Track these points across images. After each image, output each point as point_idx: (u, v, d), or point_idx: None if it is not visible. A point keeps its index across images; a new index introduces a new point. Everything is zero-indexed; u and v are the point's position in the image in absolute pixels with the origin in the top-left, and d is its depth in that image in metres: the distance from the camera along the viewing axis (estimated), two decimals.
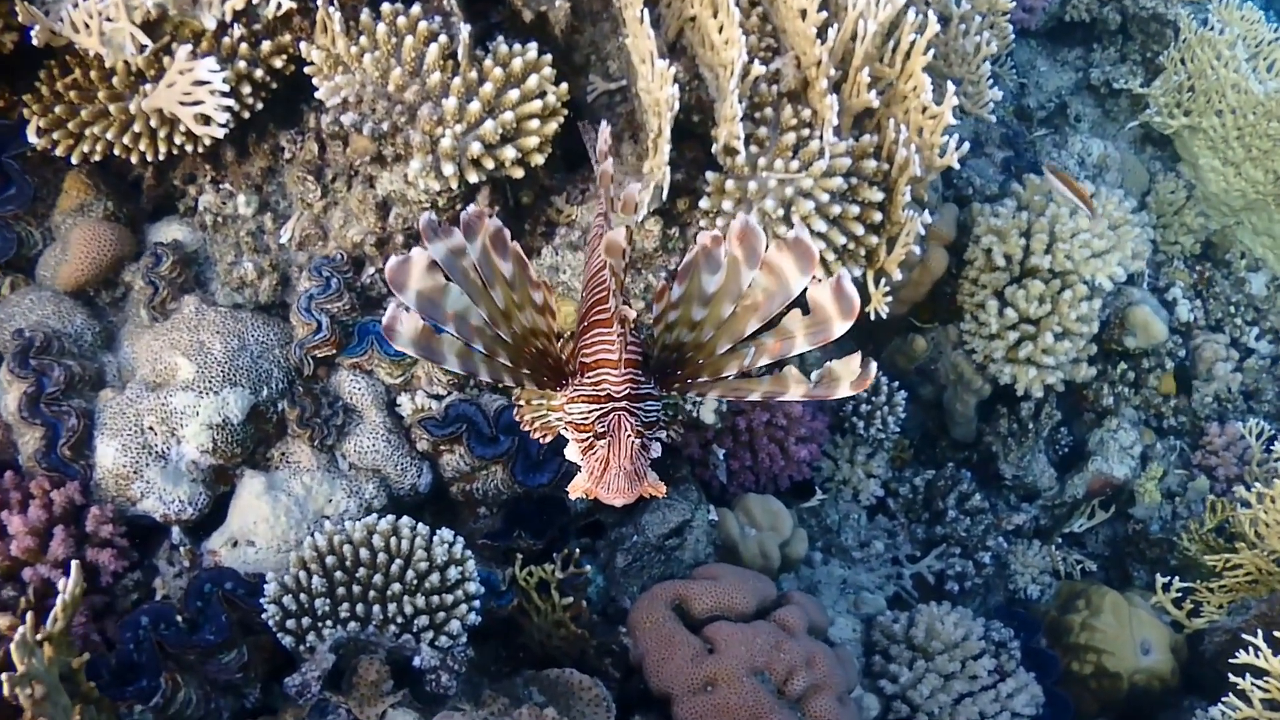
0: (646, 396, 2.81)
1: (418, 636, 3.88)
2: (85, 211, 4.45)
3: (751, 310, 2.71)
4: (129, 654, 3.70)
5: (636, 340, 2.86)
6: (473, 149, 3.97)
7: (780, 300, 2.66)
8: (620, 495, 2.71)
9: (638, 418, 2.76)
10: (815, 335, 2.68)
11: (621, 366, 2.76)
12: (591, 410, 2.78)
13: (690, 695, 4.17)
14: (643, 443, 2.76)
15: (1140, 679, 5.54)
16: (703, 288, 2.73)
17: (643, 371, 2.83)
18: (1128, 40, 7.29)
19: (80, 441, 4.02)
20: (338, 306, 4.21)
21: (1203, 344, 6.82)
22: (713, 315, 2.78)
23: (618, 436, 2.72)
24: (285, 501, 4.11)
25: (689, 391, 2.97)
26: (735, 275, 2.67)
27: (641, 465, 2.75)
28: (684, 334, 2.86)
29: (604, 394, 2.78)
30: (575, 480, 2.79)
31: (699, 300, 2.76)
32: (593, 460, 2.75)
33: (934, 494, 6.07)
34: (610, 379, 2.77)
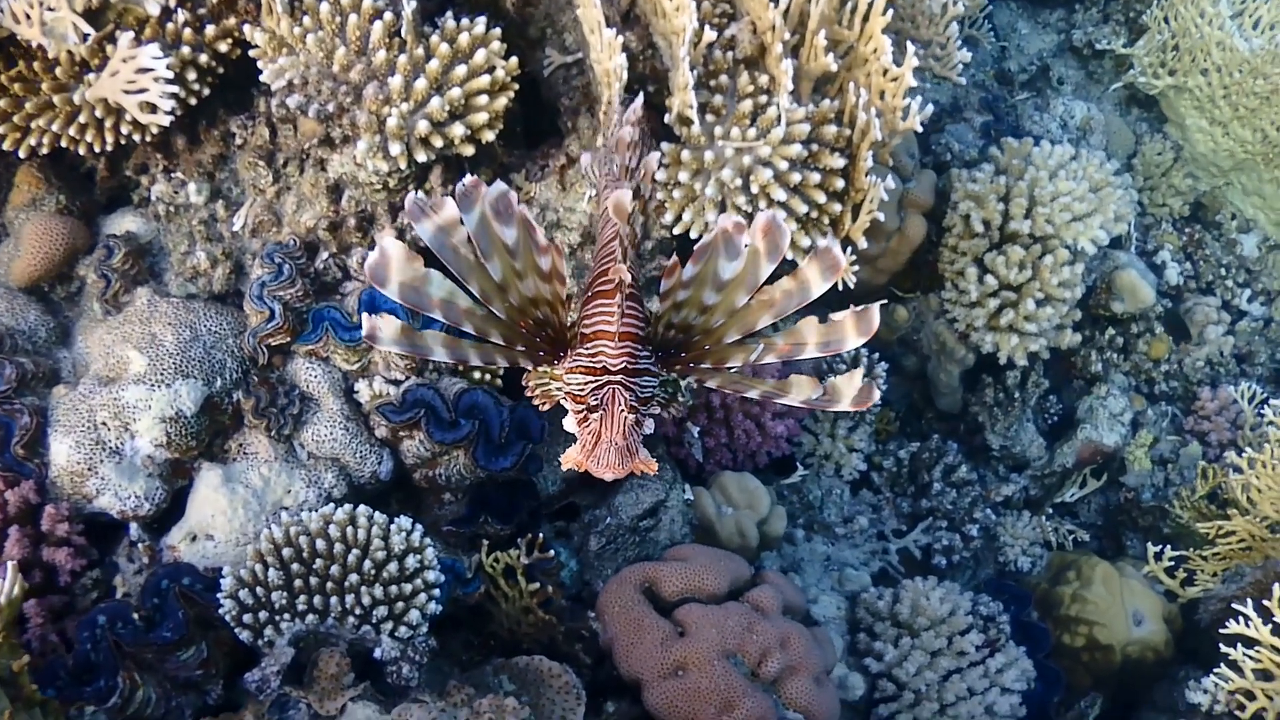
0: (644, 372, 2.80)
1: (377, 627, 3.81)
2: (37, 206, 4.39)
3: (766, 306, 2.74)
4: (86, 654, 3.65)
5: (637, 313, 2.82)
6: (420, 127, 3.89)
7: (797, 301, 2.70)
8: (610, 469, 2.70)
9: (633, 393, 2.74)
10: (827, 347, 2.74)
11: (617, 339, 2.74)
12: (588, 382, 2.76)
13: (660, 680, 4.09)
14: (637, 418, 2.74)
15: (1133, 650, 5.44)
16: (718, 272, 2.71)
17: (642, 346, 2.80)
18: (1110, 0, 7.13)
19: (34, 439, 3.96)
20: (290, 293, 4.13)
21: (1193, 307, 6.69)
22: (725, 302, 2.77)
23: (610, 410, 2.71)
24: (243, 494, 4.04)
25: (690, 375, 2.96)
26: (754, 266, 2.68)
27: (634, 441, 2.73)
28: (693, 316, 2.83)
29: (600, 366, 2.76)
30: (567, 452, 2.78)
31: (712, 285, 2.74)
32: (585, 433, 2.74)
33: (919, 467, 5.97)
34: (607, 351, 2.76)
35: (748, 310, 2.76)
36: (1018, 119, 6.76)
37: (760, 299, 2.74)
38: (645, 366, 2.81)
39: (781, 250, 2.65)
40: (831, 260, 2.66)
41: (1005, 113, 6.70)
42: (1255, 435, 6.01)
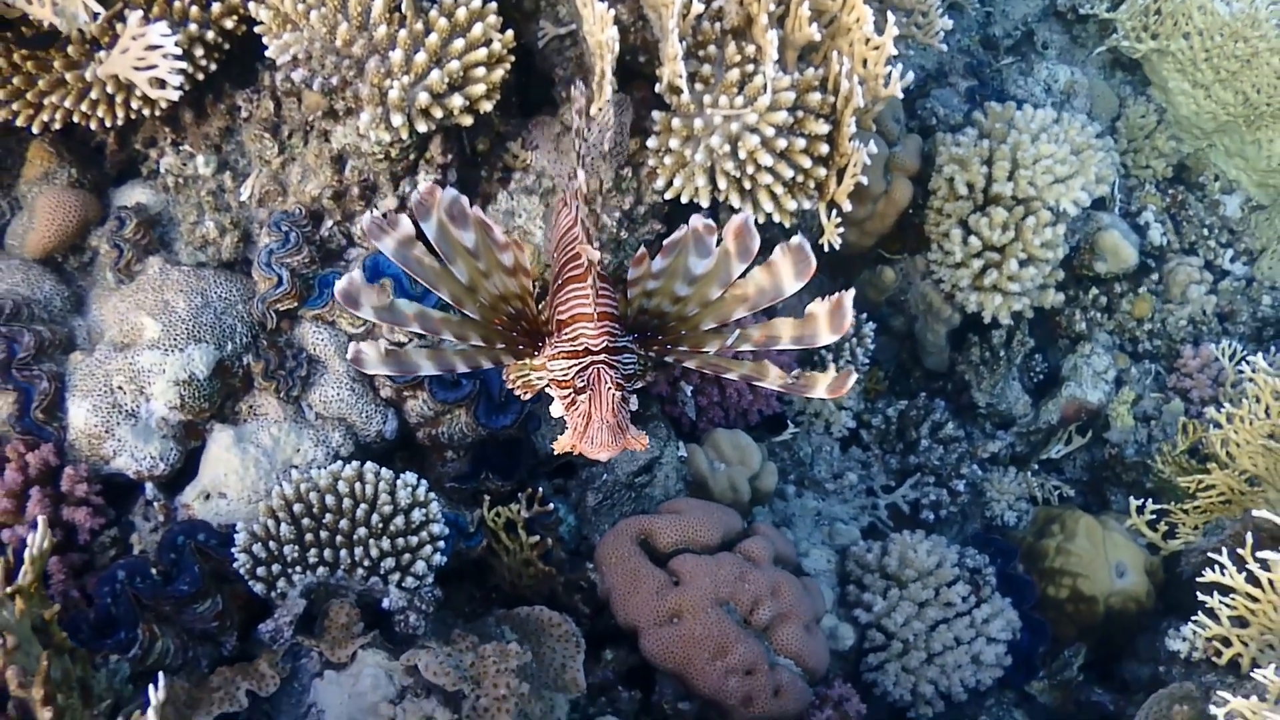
0: (623, 350, 2.90)
1: (385, 579, 3.98)
2: (50, 179, 4.52)
3: (740, 300, 2.89)
4: (106, 608, 3.81)
5: (611, 294, 2.93)
6: (421, 99, 4.02)
7: (770, 298, 2.86)
8: (604, 449, 2.78)
9: (616, 370, 2.84)
10: (802, 340, 2.89)
11: (596, 319, 2.85)
12: (571, 365, 2.85)
13: (656, 627, 4.27)
14: (623, 395, 2.84)
15: (1116, 601, 5.61)
16: (689, 267, 2.87)
17: (619, 325, 2.91)
18: None
19: (53, 404, 4.11)
20: (297, 260, 4.28)
21: (1176, 267, 6.84)
22: (698, 294, 2.91)
23: (598, 389, 2.79)
24: (254, 453, 4.21)
25: (667, 357, 3.05)
26: (725, 264, 2.85)
27: (623, 418, 2.82)
28: (665, 304, 2.97)
29: (581, 348, 2.86)
30: (560, 438, 2.85)
31: (683, 278, 2.89)
32: (576, 415, 2.82)
33: (907, 424, 6.13)
34: (587, 333, 2.86)
35: (721, 302, 2.91)
36: (1002, 84, 6.89)
37: (734, 292, 2.89)
38: (625, 345, 2.92)
39: (752, 252, 2.84)
40: (804, 258, 2.83)
41: (990, 78, 6.83)
42: (1235, 392, 6.15)
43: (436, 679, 3.61)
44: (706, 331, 2.96)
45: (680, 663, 4.21)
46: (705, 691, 4.20)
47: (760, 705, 4.19)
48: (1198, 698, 4.52)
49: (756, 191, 4.35)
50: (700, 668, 4.19)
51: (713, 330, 2.96)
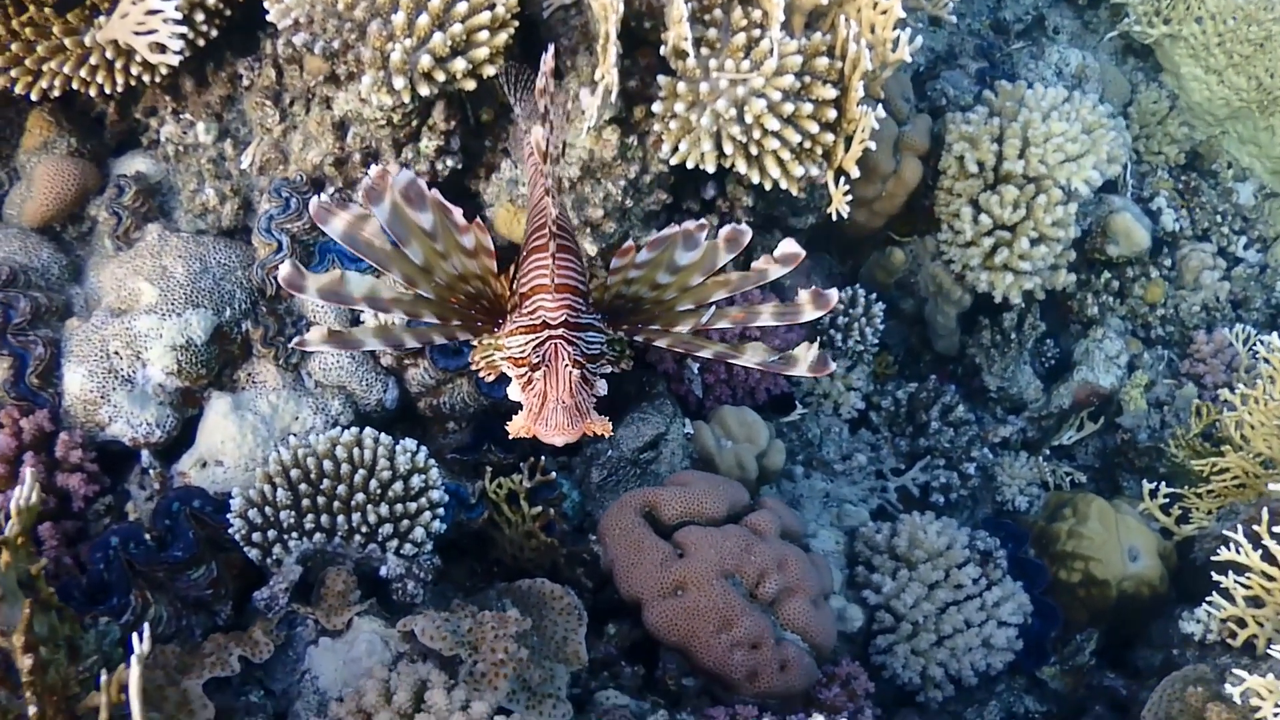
0: (588, 327, 2.72)
1: (383, 546, 3.91)
2: (49, 149, 4.48)
3: (723, 285, 2.81)
4: (99, 574, 3.75)
5: (573, 265, 2.78)
6: (423, 62, 3.98)
7: (753, 282, 2.80)
8: (559, 432, 2.61)
9: (577, 347, 2.66)
10: (783, 318, 2.79)
11: (554, 291, 2.67)
12: (528, 341, 2.68)
13: (660, 599, 4.19)
14: (584, 375, 2.65)
15: (1129, 585, 5.51)
16: (674, 259, 2.78)
17: (584, 300, 2.74)
18: None
19: (48, 370, 4.07)
20: (297, 226, 4.23)
21: (1189, 253, 6.76)
22: (679, 281, 2.83)
23: (554, 366, 2.62)
24: (252, 420, 4.15)
25: (637, 335, 2.90)
26: (712, 256, 2.78)
27: (584, 400, 2.64)
28: (644, 290, 2.85)
29: (539, 321, 2.68)
30: (514, 420, 2.69)
31: (667, 268, 2.80)
32: (531, 395, 2.65)
33: (917, 407, 6.05)
34: (545, 305, 2.69)
35: (702, 287, 2.83)
36: (1013, 67, 6.84)
37: (716, 279, 2.81)
38: (589, 322, 2.73)
39: (741, 246, 2.79)
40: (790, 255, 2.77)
41: (1000, 61, 6.78)
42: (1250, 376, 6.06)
43: (433, 643, 3.54)
44: (682, 312, 2.87)
45: (684, 636, 4.13)
46: (710, 665, 4.12)
47: (766, 680, 4.10)
48: (1212, 680, 4.42)
49: (763, 157, 4.30)
50: (705, 641, 4.11)
51: (689, 311, 2.87)
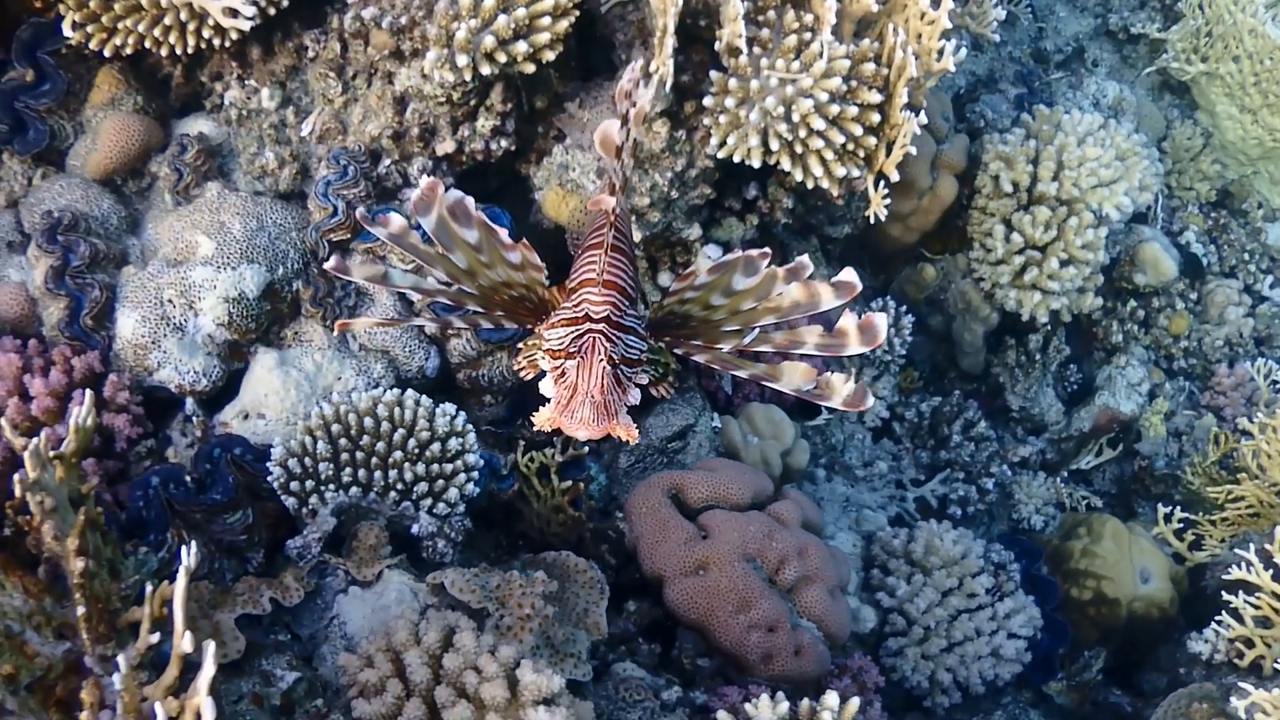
0: (631, 331, 2.74)
1: (416, 504, 4.01)
2: (116, 105, 4.61)
3: (772, 310, 2.73)
4: (138, 510, 3.84)
5: (624, 267, 2.82)
6: (486, 43, 4.11)
7: (804, 311, 2.69)
8: (584, 426, 2.61)
9: (616, 347, 2.67)
10: (827, 349, 2.73)
11: (601, 286, 2.71)
12: (568, 334, 2.70)
13: (682, 577, 4.28)
14: (617, 375, 2.66)
15: (1139, 606, 5.57)
16: (731, 284, 2.70)
17: (630, 303, 2.77)
18: None
19: (102, 313, 4.19)
20: (354, 193, 4.36)
21: (1215, 288, 6.85)
22: (731, 304, 2.77)
23: (589, 359, 2.63)
24: (296, 376, 4.27)
25: (678, 349, 2.93)
26: (769, 283, 2.69)
27: (614, 400, 2.64)
28: (695, 309, 2.83)
29: (582, 314, 2.71)
30: (541, 410, 2.70)
31: (723, 291, 2.73)
32: (561, 387, 2.66)
33: (940, 420, 6.13)
34: (590, 299, 2.72)
35: (752, 312, 2.76)
36: (1051, 95, 6.95)
37: (766, 305, 2.73)
38: (632, 325, 2.75)
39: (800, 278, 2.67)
40: (847, 286, 2.64)
41: (1039, 89, 6.90)
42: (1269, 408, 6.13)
43: (462, 595, 3.64)
44: (726, 331, 2.84)
45: (703, 614, 4.21)
46: (726, 645, 4.20)
47: (780, 664, 4.18)
48: (1217, 697, 4.48)
49: (807, 156, 4.41)
50: (723, 620, 4.19)
51: (733, 331, 2.83)
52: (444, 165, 4.55)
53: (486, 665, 3.11)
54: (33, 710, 2.81)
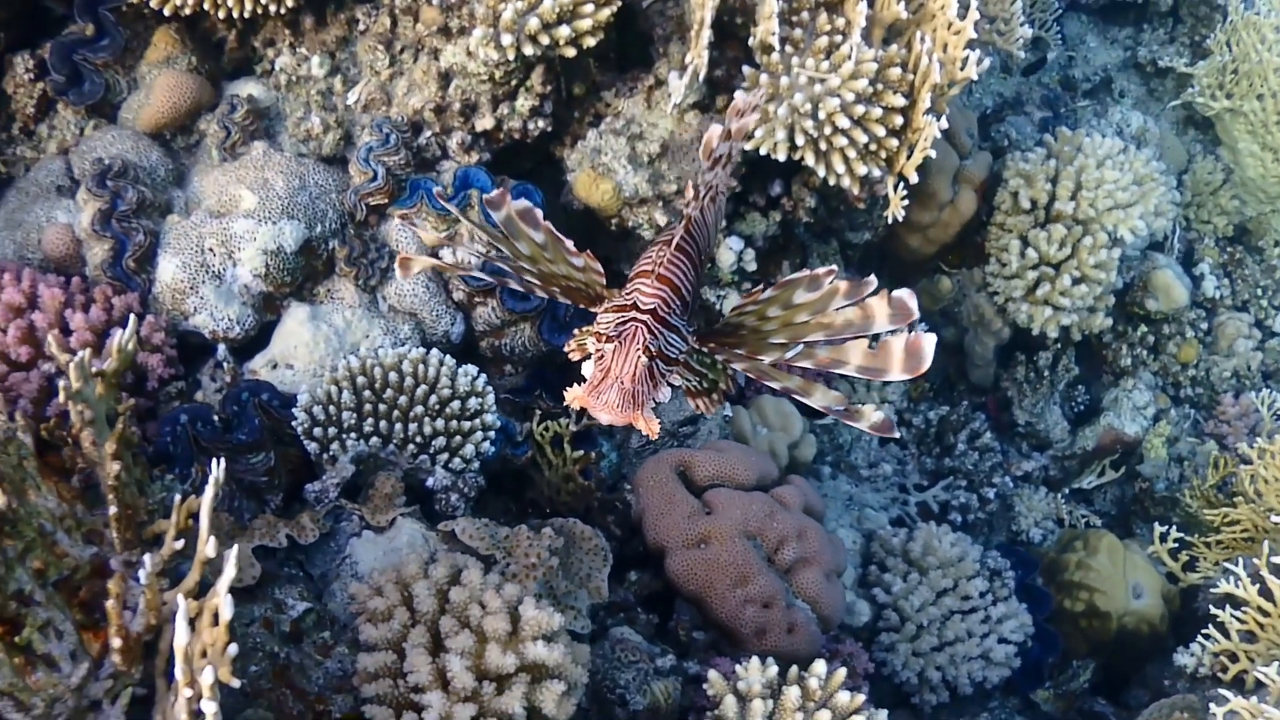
0: (676, 330, 2.80)
1: (433, 458, 4.16)
2: (171, 64, 4.79)
3: (823, 326, 2.73)
4: (165, 445, 4.01)
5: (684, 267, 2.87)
6: (531, 24, 4.28)
7: (856, 331, 2.68)
8: (609, 410, 2.66)
9: (658, 340, 2.72)
10: (869, 372, 2.71)
11: (656, 279, 2.78)
12: (616, 320, 2.76)
13: (684, 549, 4.41)
14: (652, 369, 2.70)
15: (1130, 621, 5.67)
16: (791, 297, 2.74)
17: (681, 303, 2.83)
18: (1178, 23, 7.50)
19: (144, 257, 4.37)
20: (394, 160, 4.53)
21: (1226, 320, 6.97)
22: (785, 316, 2.79)
23: (627, 346, 2.68)
24: (326, 330, 4.43)
25: (719, 354, 2.96)
26: (829, 299, 2.69)
27: (643, 391, 2.68)
28: (750, 320, 2.88)
29: (630, 303, 2.77)
30: (573, 388, 2.77)
31: (781, 304, 2.77)
32: (596, 369, 2.72)
33: (946, 428, 6.26)
34: (642, 289, 2.80)
35: (803, 326, 2.76)
36: (1076, 121, 7.10)
37: (819, 320, 2.73)
38: (677, 325, 2.80)
39: (860, 297, 2.66)
40: (904, 308, 2.61)
41: (1065, 115, 7.05)
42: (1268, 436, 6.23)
43: (471, 542, 3.78)
44: (771, 343, 2.84)
45: (702, 585, 4.34)
46: (722, 617, 4.32)
47: (773, 639, 4.30)
48: (1199, 709, 4.56)
49: (830, 154, 4.56)
50: (720, 593, 4.32)
51: (778, 344, 2.83)
52: (482, 141, 4.71)
53: (490, 600, 3.25)
54: (58, 606, 2.96)
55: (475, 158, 4.70)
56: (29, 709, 2.81)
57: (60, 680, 2.87)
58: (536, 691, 3.14)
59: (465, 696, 3.08)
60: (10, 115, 4.82)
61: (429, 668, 3.13)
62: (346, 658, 3.54)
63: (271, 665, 3.44)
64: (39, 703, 2.82)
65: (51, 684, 2.85)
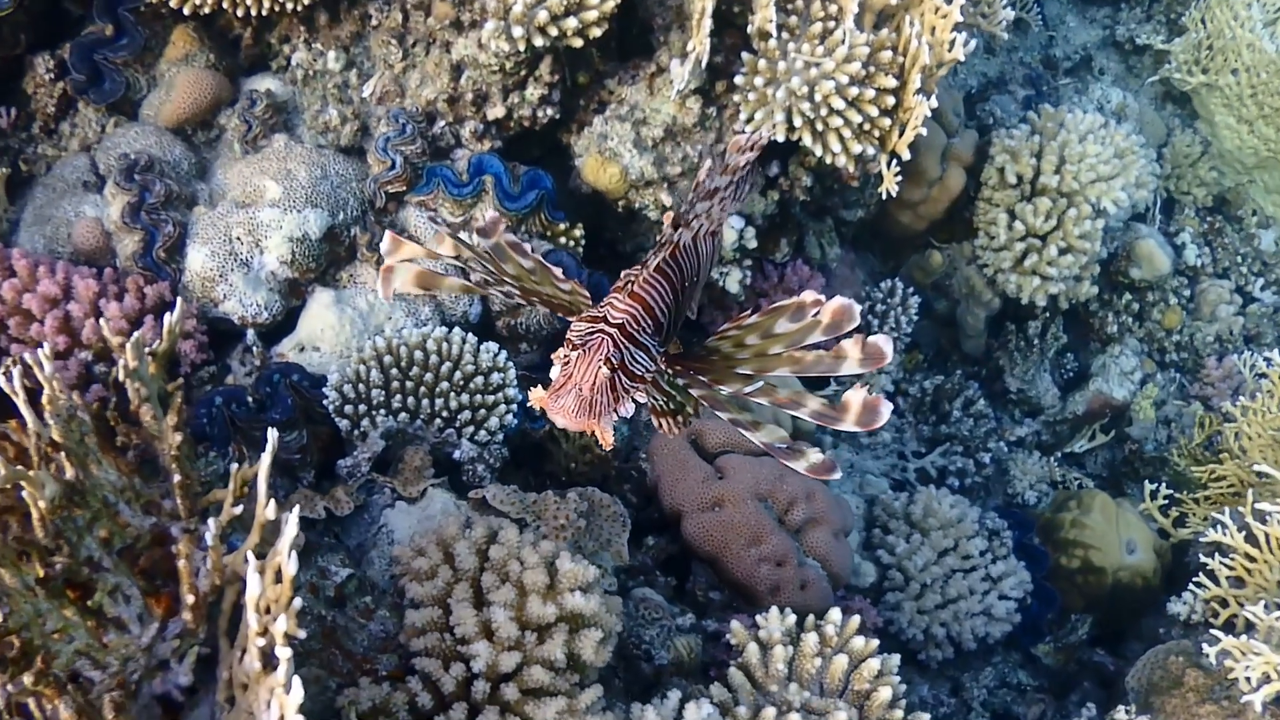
0: (645, 349, 2.80)
1: (459, 431, 4.36)
2: (189, 62, 4.96)
3: (792, 361, 2.69)
4: (202, 427, 4.17)
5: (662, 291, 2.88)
6: (540, 17, 4.47)
7: (823, 370, 2.65)
8: (563, 415, 2.66)
9: (622, 355, 2.72)
10: (822, 418, 2.67)
11: (629, 296, 2.79)
12: (586, 330, 2.77)
13: (699, 512, 4.62)
14: (614, 381, 2.71)
15: (1124, 575, 5.89)
16: (773, 325, 2.72)
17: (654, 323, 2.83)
18: (1154, 1, 7.73)
19: (174, 248, 4.54)
20: (411, 149, 4.71)
21: (1208, 287, 7.21)
22: (760, 346, 2.77)
23: (589, 356, 2.68)
24: (350, 314, 4.62)
25: (681, 378, 2.95)
26: (807, 331, 2.65)
27: (601, 401, 2.69)
28: (726, 346, 2.86)
29: (601, 315, 2.79)
30: (536, 389, 2.77)
31: (762, 332, 2.75)
32: (560, 373, 2.71)
33: (941, 397, 6.48)
34: (614, 303, 2.81)
35: (774, 358, 2.73)
36: (1058, 99, 7.33)
37: (791, 354, 2.70)
38: (647, 344, 2.80)
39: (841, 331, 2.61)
40: (877, 354, 2.56)
41: (1047, 93, 7.28)
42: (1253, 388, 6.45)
43: (502, 507, 3.99)
44: (736, 373, 2.79)
45: (717, 546, 4.54)
46: (737, 576, 4.53)
47: (786, 595, 4.51)
48: (1193, 653, 4.77)
49: (827, 134, 4.76)
50: (735, 553, 4.53)
51: (743, 375, 2.78)
52: (494, 129, 4.90)
53: (528, 555, 3.45)
54: (124, 572, 3.14)
55: (488, 145, 4.89)
56: (105, 667, 2.99)
57: (131, 641, 3.05)
58: (575, 639, 3.35)
59: (510, 645, 3.28)
60: (31, 114, 4.97)
61: (474, 620, 3.33)
62: (388, 620, 3.74)
63: (320, 628, 3.63)
64: (114, 661, 3.00)
65: (124, 644, 3.04)
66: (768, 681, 3.82)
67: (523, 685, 3.24)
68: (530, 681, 3.24)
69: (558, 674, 3.29)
